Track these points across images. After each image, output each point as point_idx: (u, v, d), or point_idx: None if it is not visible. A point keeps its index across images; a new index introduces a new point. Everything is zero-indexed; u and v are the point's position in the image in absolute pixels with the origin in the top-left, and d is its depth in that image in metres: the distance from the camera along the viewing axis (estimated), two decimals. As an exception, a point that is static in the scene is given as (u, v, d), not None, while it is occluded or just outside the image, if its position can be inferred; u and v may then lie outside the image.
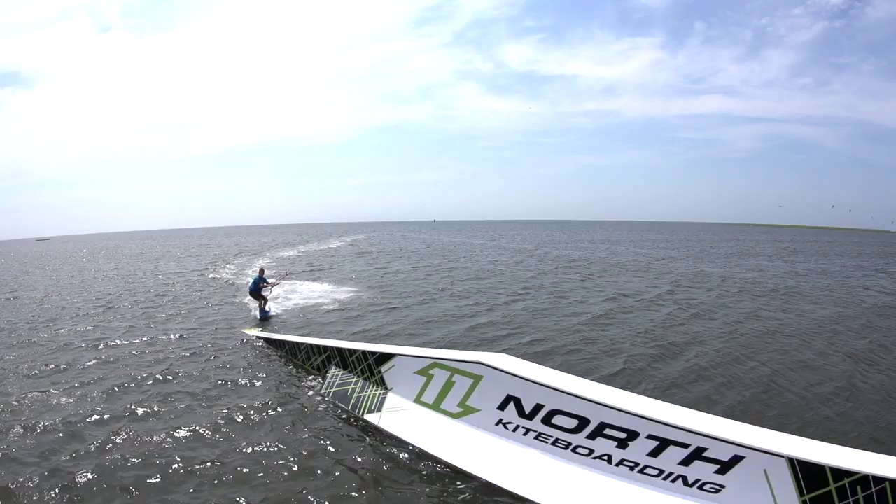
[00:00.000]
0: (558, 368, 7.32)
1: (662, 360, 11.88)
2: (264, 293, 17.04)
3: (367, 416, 8.07)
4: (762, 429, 5.63)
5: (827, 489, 4.91)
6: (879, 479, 4.70)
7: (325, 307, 18.92)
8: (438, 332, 14.79)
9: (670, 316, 17.23)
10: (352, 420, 8.22)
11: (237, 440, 7.47)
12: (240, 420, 8.21)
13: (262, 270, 17.94)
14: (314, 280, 26.41)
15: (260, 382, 10.06)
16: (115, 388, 9.66)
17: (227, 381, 10.09)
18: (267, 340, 12.96)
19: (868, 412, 8.75)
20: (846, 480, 4.80)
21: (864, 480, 4.75)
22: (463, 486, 6.32)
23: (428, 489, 6.30)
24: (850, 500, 4.82)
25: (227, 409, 8.60)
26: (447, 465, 6.71)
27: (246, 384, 9.96)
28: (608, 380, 9.52)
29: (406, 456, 7.06)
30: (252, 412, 8.50)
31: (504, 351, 10.10)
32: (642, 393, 6.86)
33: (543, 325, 15.68)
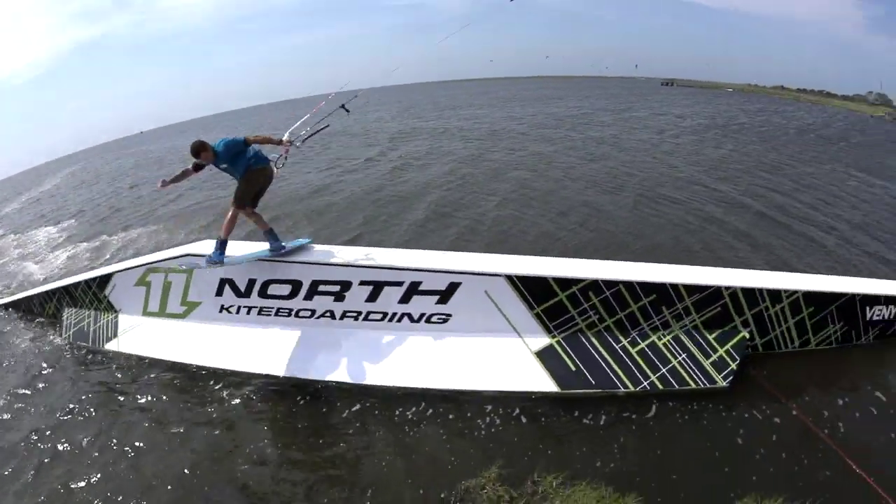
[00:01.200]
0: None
1: (424, 217, 12.50)
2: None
3: (107, 346, 8.05)
4: (476, 254, 6.22)
5: (557, 299, 5.55)
6: (612, 283, 5.46)
7: (70, 248, 16.57)
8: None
9: (395, 171, 18.38)
10: (98, 355, 8.08)
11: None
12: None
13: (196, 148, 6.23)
14: (53, 224, 22.28)
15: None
16: None
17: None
18: (4, 306, 11.12)
19: (667, 235, 10.16)
20: (575, 288, 5.46)
21: (595, 285, 5.47)
22: (213, 382, 6.52)
23: (183, 397, 6.47)
24: (586, 304, 5.54)
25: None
26: (188, 367, 6.94)
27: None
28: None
29: (154, 373, 7.10)
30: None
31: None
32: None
33: (281, 208, 14.98)
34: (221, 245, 6.35)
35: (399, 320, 5.97)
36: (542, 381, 5.41)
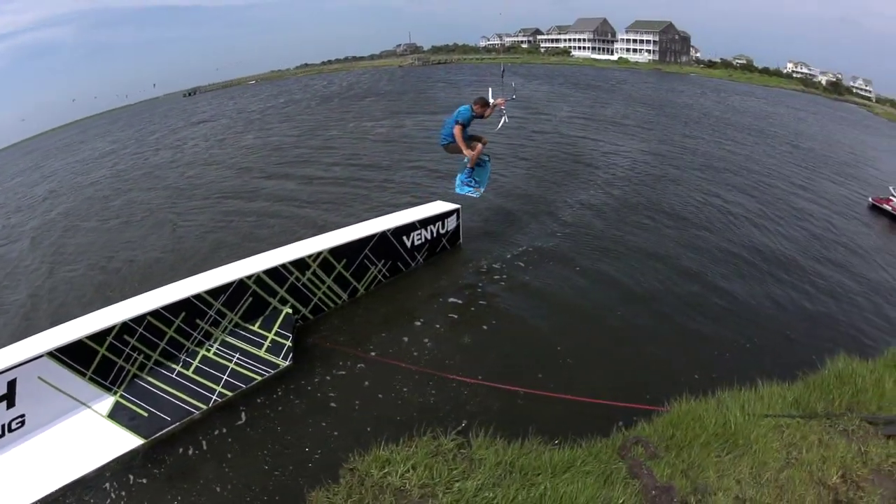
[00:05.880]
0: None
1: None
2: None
3: None
4: (17, 343, 6.02)
5: (100, 356, 5.90)
6: (139, 319, 5.99)
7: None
8: None
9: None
10: None
11: None
12: None
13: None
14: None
15: None
16: None
17: None
18: None
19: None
20: (109, 338, 5.88)
21: (126, 327, 5.95)
22: None
23: None
24: (127, 349, 6.00)
25: None
26: None
27: None
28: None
29: None
30: None
31: None
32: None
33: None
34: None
35: None
36: (127, 440, 5.63)
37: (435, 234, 8.65)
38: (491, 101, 9.11)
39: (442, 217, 8.72)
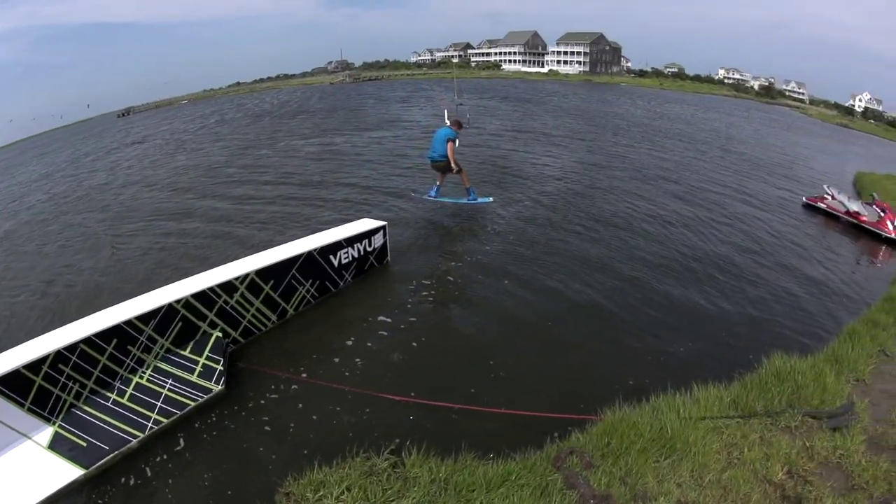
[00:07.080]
0: None
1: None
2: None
3: None
4: None
5: (37, 385, 5.86)
6: (72, 347, 5.96)
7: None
8: None
9: None
10: None
11: None
12: None
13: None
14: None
15: None
16: None
17: None
18: None
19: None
20: (45, 367, 5.85)
21: (60, 356, 5.90)
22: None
23: None
24: (63, 378, 5.97)
25: None
26: None
27: None
28: None
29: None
30: None
31: None
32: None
33: None
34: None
35: None
36: (67, 471, 5.60)
37: (362, 252, 8.69)
38: (447, 120, 11.77)
39: (368, 234, 8.76)
